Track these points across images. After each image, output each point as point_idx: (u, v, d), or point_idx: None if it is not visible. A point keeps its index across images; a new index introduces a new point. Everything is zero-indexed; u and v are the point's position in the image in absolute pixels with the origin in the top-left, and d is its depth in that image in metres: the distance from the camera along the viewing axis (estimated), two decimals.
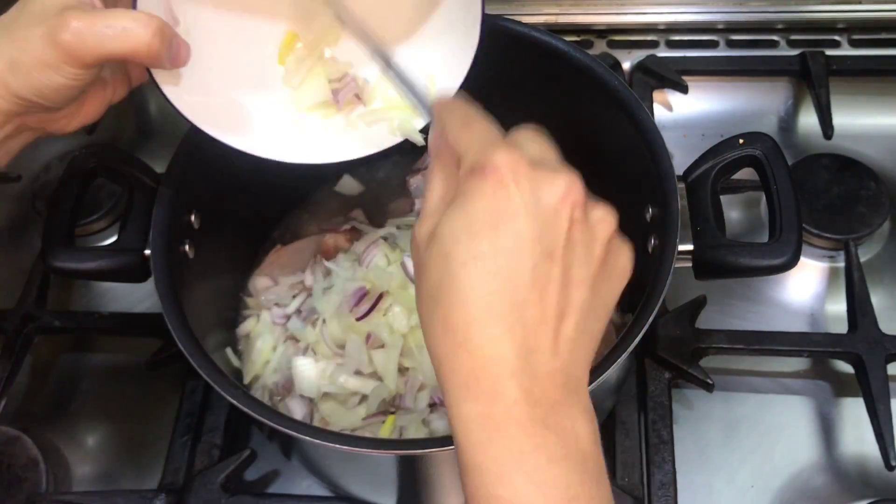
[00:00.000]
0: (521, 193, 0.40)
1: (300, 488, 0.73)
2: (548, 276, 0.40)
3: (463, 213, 0.41)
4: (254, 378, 0.74)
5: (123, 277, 0.67)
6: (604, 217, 0.43)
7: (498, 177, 0.41)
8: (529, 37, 0.71)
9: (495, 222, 0.40)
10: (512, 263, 0.40)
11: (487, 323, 0.40)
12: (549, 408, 0.40)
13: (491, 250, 0.40)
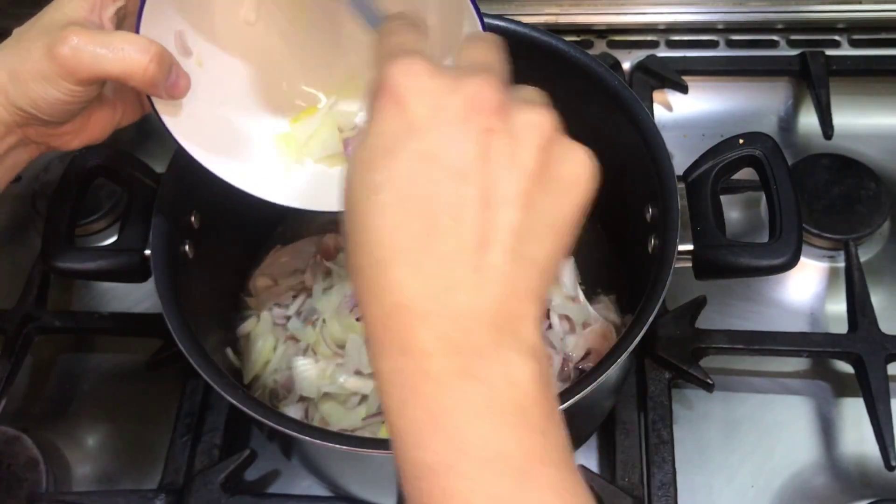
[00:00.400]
0: (421, 107, 0.35)
1: (300, 488, 0.73)
2: (460, 198, 0.34)
3: (362, 144, 0.36)
4: (254, 378, 0.74)
5: (123, 277, 0.67)
6: (535, 120, 0.36)
7: (393, 93, 0.35)
8: (529, 37, 0.71)
9: (391, 146, 0.35)
10: (413, 190, 0.34)
11: (389, 264, 0.34)
12: (475, 354, 0.34)
13: (387, 178, 0.35)
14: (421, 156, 0.35)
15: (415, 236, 0.34)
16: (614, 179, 0.74)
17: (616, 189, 0.75)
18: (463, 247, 0.34)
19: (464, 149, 0.35)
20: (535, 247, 0.36)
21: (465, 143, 0.35)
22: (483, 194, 0.35)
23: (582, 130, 0.76)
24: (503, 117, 0.35)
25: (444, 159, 0.35)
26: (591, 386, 0.55)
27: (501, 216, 0.35)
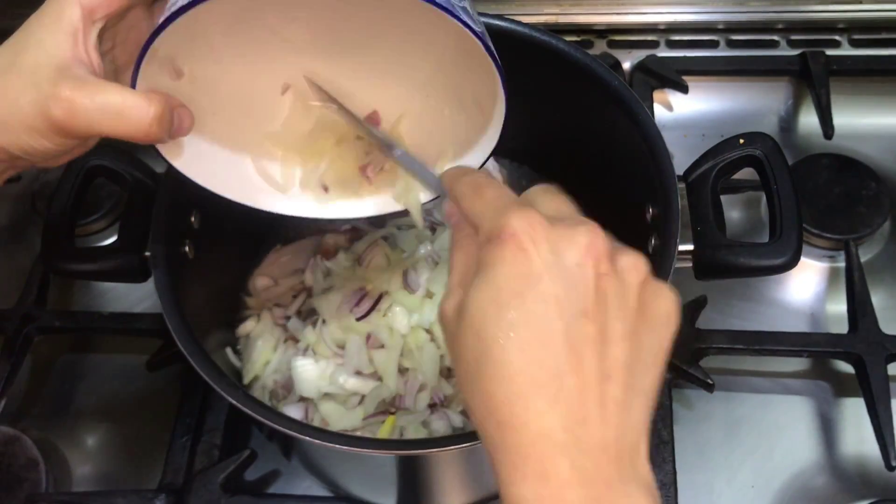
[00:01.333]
0: (542, 254, 0.39)
1: (300, 488, 0.73)
2: (583, 336, 0.38)
3: (487, 285, 0.39)
4: (254, 378, 0.74)
5: (123, 277, 0.67)
6: (633, 263, 0.41)
7: (515, 241, 0.39)
8: (529, 37, 0.71)
9: (520, 289, 0.38)
10: (544, 329, 0.38)
11: (529, 396, 0.37)
12: (604, 486, 0.37)
13: (521, 319, 0.38)
14: (549, 297, 0.38)
15: (550, 371, 0.37)
16: (615, 179, 0.75)
17: (617, 189, 0.75)
18: (589, 381, 0.38)
19: (584, 292, 0.39)
20: (643, 378, 0.39)
21: (584, 287, 0.39)
22: (601, 332, 0.38)
23: (582, 130, 0.77)
24: (611, 262, 0.40)
25: (570, 301, 0.38)
26: None
27: (617, 352, 0.39)
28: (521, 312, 0.38)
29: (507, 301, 0.38)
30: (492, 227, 0.40)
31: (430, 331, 0.72)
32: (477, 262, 0.41)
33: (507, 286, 0.39)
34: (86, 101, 0.45)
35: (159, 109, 0.47)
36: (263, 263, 0.81)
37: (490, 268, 0.40)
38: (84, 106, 0.45)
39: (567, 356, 0.38)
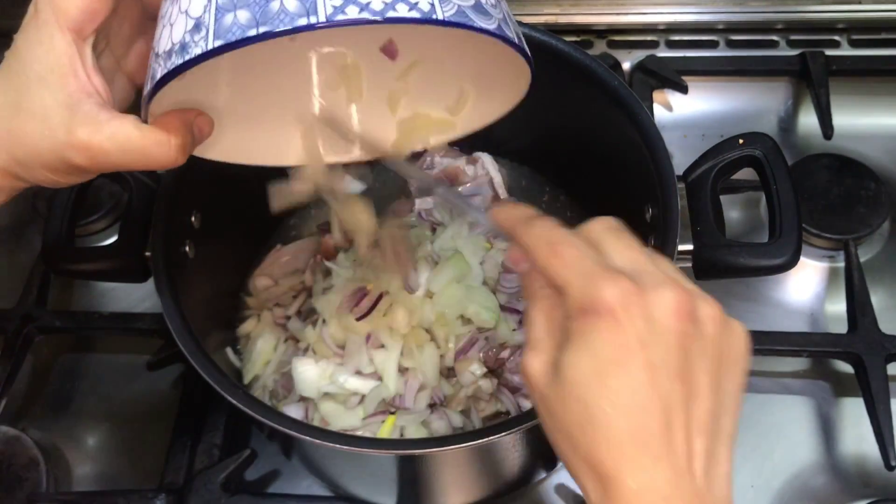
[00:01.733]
0: (636, 324, 0.41)
1: (300, 488, 0.73)
2: (679, 396, 0.41)
3: (587, 355, 0.41)
4: (254, 378, 0.74)
5: (124, 277, 0.67)
6: (711, 315, 0.42)
7: (612, 315, 0.41)
8: (529, 37, 0.71)
9: (620, 359, 0.40)
10: (646, 395, 0.40)
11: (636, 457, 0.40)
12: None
13: (623, 387, 0.40)
14: (646, 365, 0.40)
15: (653, 431, 0.40)
16: (614, 179, 0.75)
17: (616, 189, 0.75)
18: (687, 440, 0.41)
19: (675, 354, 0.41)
20: (725, 421, 0.42)
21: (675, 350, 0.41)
22: (690, 390, 0.41)
23: (582, 131, 0.77)
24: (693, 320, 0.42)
25: (663, 365, 0.41)
26: None
27: (704, 406, 0.41)
28: (624, 381, 0.40)
29: (608, 370, 0.41)
30: (583, 298, 0.42)
31: (431, 331, 0.72)
32: (567, 328, 0.42)
33: (606, 356, 0.41)
34: (105, 146, 0.45)
35: (180, 140, 0.46)
36: (263, 263, 0.81)
37: (587, 338, 0.41)
38: (104, 150, 0.45)
39: (669, 416, 0.40)
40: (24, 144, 0.46)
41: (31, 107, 0.45)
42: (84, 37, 0.45)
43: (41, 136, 0.45)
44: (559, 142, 0.81)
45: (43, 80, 0.45)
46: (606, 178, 0.77)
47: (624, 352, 0.41)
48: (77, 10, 0.44)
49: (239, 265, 0.81)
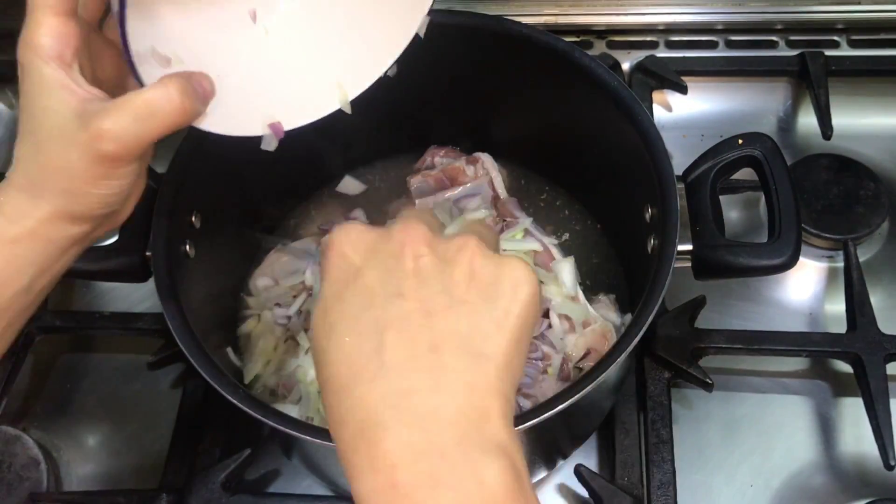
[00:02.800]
0: (359, 254, 0.41)
1: (300, 488, 0.73)
2: (402, 314, 0.39)
3: (320, 298, 0.42)
4: (254, 378, 0.74)
5: (124, 277, 0.67)
6: (459, 244, 0.41)
7: (335, 250, 0.42)
8: (529, 37, 0.71)
9: (340, 291, 0.41)
10: (358, 319, 0.39)
11: (351, 386, 0.38)
12: (438, 457, 0.35)
13: (338, 318, 0.40)
14: (363, 290, 0.40)
15: (368, 355, 0.38)
16: (614, 180, 0.75)
17: (616, 189, 0.75)
18: (414, 354, 0.38)
19: (399, 276, 0.40)
20: (486, 344, 0.39)
21: (399, 272, 0.40)
22: (423, 307, 0.39)
23: (581, 131, 0.77)
24: (431, 246, 0.41)
25: (383, 287, 0.40)
26: (591, 385, 0.55)
27: (444, 322, 0.39)
28: (339, 311, 0.40)
29: (330, 306, 0.41)
30: (323, 244, 0.42)
31: None
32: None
33: (330, 292, 0.41)
34: (121, 122, 0.46)
35: (178, 84, 0.48)
36: (263, 263, 0.81)
37: (322, 281, 0.42)
38: (122, 127, 0.46)
39: (384, 336, 0.38)
40: (58, 169, 0.47)
41: (47, 137, 0.47)
42: (67, 62, 0.47)
43: (66, 151, 0.47)
44: (559, 142, 0.81)
45: (47, 109, 0.47)
46: (606, 179, 0.77)
47: (345, 284, 0.41)
48: (50, 38, 0.47)
49: (239, 265, 0.81)
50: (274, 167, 0.79)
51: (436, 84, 0.79)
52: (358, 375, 0.38)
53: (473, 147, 0.85)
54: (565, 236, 0.81)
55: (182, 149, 0.67)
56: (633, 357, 0.73)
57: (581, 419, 0.68)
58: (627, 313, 0.74)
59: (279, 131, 0.58)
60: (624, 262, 0.79)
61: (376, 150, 0.87)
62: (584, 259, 0.79)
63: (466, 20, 0.72)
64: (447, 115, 0.84)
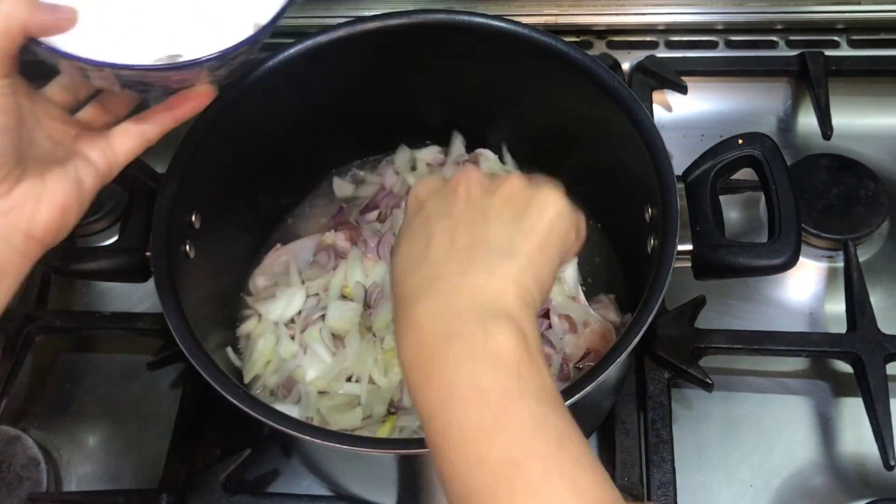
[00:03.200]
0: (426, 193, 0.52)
1: (300, 488, 0.73)
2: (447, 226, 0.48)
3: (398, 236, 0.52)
4: (254, 378, 0.74)
5: (124, 277, 0.67)
6: (504, 179, 0.51)
7: (412, 194, 0.53)
8: (529, 37, 0.71)
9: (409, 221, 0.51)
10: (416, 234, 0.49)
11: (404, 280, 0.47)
12: (454, 317, 0.44)
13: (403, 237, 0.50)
14: (423, 216, 0.50)
15: (416, 256, 0.48)
16: (614, 179, 0.75)
17: (616, 189, 0.75)
18: (450, 252, 0.47)
19: (450, 203, 0.50)
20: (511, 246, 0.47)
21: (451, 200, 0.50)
22: (464, 220, 0.49)
23: (582, 131, 0.77)
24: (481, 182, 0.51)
25: (437, 211, 0.50)
26: (591, 385, 0.55)
27: (479, 230, 0.48)
28: (404, 234, 0.51)
29: (401, 233, 0.51)
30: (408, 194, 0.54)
31: None
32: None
33: (403, 225, 0.52)
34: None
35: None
36: (263, 263, 0.81)
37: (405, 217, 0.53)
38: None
39: (430, 242, 0.48)
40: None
41: None
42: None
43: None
44: (559, 142, 0.81)
45: None
46: (606, 178, 0.77)
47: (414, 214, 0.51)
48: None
49: (239, 265, 0.81)
50: (273, 167, 0.79)
51: (436, 84, 0.79)
52: (407, 270, 0.48)
53: (475, 145, 0.85)
54: None
55: (182, 149, 0.67)
56: (633, 357, 0.73)
57: (581, 419, 0.68)
58: (627, 313, 0.74)
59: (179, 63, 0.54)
60: (624, 262, 0.79)
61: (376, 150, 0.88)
62: (585, 259, 0.79)
63: (466, 20, 0.72)
64: (447, 115, 0.84)
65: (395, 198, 0.83)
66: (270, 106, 0.72)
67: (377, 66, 0.76)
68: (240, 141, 0.72)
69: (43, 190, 0.53)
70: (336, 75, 0.75)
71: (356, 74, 0.76)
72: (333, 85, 0.76)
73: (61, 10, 0.51)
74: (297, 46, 0.71)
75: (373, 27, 0.72)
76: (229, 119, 0.69)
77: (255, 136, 0.73)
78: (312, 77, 0.73)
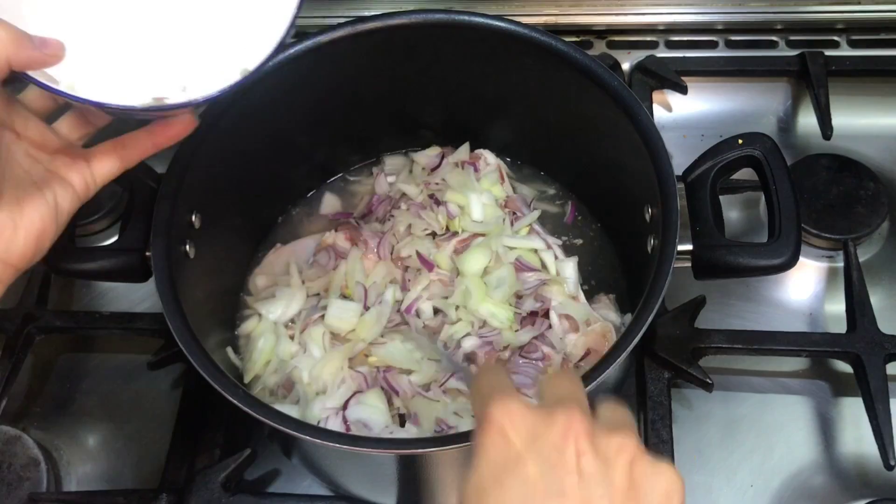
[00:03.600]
0: (521, 438, 0.40)
1: (300, 488, 0.73)
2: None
3: (474, 473, 0.41)
4: (254, 377, 0.74)
5: (124, 277, 0.67)
6: (619, 443, 0.41)
7: (496, 427, 0.41)
8: (529, 37, 0.71)
9: (499, 475, 0.40)
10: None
11: None
12: None
13: (503, 499, 0.39)
14: (526, 481, 0.39)
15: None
16: (614, 180, 0.75)
17: (616, 189, 0.75)
18: None
19: (561, 472, 0.39)
20: None
21: (563, 467, 0.39)
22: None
23: (582, 131, 0.77)
24: (592, 441, 0.40)
25: (546, 482, 0.39)
26: (591, 385, 0.55)
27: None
28: (499, 497, 0.39)
29: (488, 487, 0.39)
30: (478, 415, 0.42)
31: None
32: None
33: (488, 472, 0.40)
34: None
35: (12, 26, 0.47)
36: (263, 263, 0.81)
37: (476, 455, 0.41)
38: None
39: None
40: None
41: None
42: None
43: None
44: (559, 142, 0.81)
45: None
46: (606, 178, 0.77)
47: (505, 467, 0.40)
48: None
49: (239, 265, 0.81)
50: (274, 166, 0.79)
51: (435, 85, 0.79)
52: None
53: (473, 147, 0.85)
54: (565, 237, 0.81)
55: (181, 150, 0.67)
56: (633, 357, 0.73)
57: None
58: (627, 313, 0.74)
59: (163, 105, 0.54)
60: (624, 262, 0.79)
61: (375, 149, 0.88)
62: (585, 259, 0.79)
63: (466, 20, 0.72)
64: (446, 116, 0.84)
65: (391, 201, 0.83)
66: (271, 105, 0.72)
67: (377, 65, 0.76)
68: (240, 141, 0.72)
69: (20, 217, 0.52)
70: (336, 75, 0.75)
71: (356, 74, 0.76)
72: (334, 84, 0.76)
73: (49, 46, 0.49)
74: (297, 46, 0.71)
75: (373, 27, 0.72)
76: (229, 119, 0.69)
77: (255, 135, 0.73)
78: (313, 76, 0.73)
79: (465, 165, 0.83)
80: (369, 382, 0.70)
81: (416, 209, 0.80)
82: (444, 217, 0.79)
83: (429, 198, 0.81)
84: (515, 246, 0.77)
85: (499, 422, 0.41)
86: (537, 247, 0.76)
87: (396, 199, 0.82)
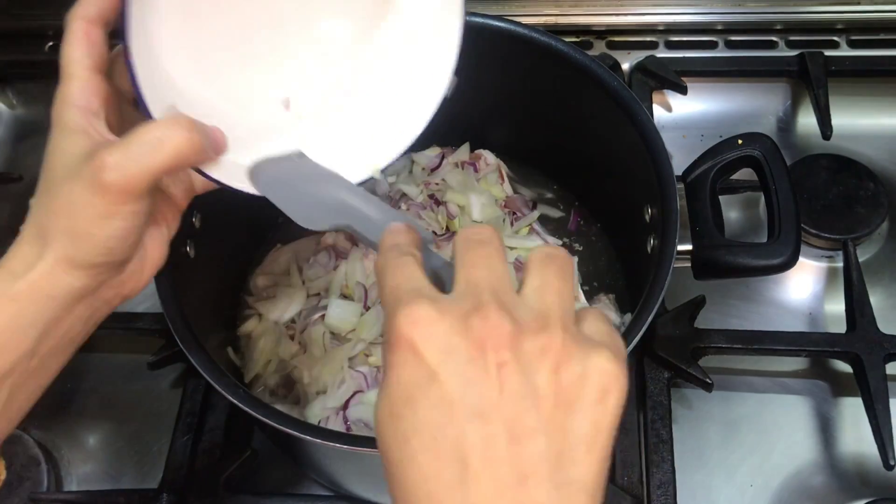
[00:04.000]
0: (432, 352, 0.35)
1: (300, 488, 0.73)
2: (485, 438, 0.34)
3: (384, 396, 0.36)
4: (255, 377, 0.74)
5: None
6: (541, 346, 0.36)
7: (404, 341, 0.36)
8: (529, 38, 0.72)
9: (411, 396, 0.35)
10: (438, 436, 0.34)
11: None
12: None
13: (412, 429, 0.35)
14: (441, 402, 0.35)
15: (449, 485, 0.34)
16: (614, 180, 0.75)
17: (616, 189, 0.75)
18: (500, 487, 0.34)
19: (483, 388, 0.35)
20: (576, 469, 0.35)
21: (483, 383, 0.35)
22: (508, 429, 0.34)
23: (581, 131, 0.77)
24: (513, 349, 0.35)
25: (463, 401, 0.35)
26: None
27: (532, 447, 0.34)
28: (412, 421, 0.35)
29: (400, 411, 0.35)
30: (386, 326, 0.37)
31: None
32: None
33: (398, 394, 0.36)
34: (125, 152, 0.44)
35: (188, 121, 0.46)
36: (263, 263, 0.81)
37: (385, 375, 0.37)
38: (125, 156, 0.44)
39: (467, 464, 0.34)
40: (60, 207, 0.45)
41: (56, 174, 0.46)
42: (93, 110, 0.47)
43: (70, 184, 0.45)
44: (559, 142, 0.81)
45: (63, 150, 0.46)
46: (606, 179, 0.77)
47: (415, 386, 0.35)
48: (78, 88, 0.47)
49: (239, 265, 0.81)
50: None
51: None
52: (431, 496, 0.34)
53: (473, 147, 0.85)
54: (566, 238, 0.82)
55: None
56: (632, 357, 0.73)
57: None
58: (627, 313, 0.74)
59: None
60: (624, 262, 0.79)
61: None
62: (585, 259, 0.79)
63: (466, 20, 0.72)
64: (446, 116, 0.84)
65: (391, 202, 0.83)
66: None
67: None
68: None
69: (146, 257, 0.52)
70: None
71: None
72: None
73: (214, 139, 0.49)
74: None
75: None
76: None
77: None
78: None
79: (465, 165, 0.83)
80: (369, 382, 0.70)
81: (416, 209, 0.80)
82: (444, 217, 0.79)
83: (429, 198, 0.81)
84: (515, 246, 0.77)
85: (407, 335, 0.35)
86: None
87: (396, 199, 0.83)
